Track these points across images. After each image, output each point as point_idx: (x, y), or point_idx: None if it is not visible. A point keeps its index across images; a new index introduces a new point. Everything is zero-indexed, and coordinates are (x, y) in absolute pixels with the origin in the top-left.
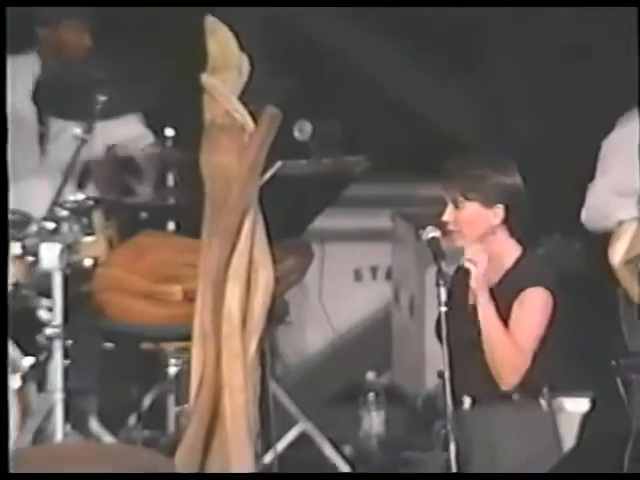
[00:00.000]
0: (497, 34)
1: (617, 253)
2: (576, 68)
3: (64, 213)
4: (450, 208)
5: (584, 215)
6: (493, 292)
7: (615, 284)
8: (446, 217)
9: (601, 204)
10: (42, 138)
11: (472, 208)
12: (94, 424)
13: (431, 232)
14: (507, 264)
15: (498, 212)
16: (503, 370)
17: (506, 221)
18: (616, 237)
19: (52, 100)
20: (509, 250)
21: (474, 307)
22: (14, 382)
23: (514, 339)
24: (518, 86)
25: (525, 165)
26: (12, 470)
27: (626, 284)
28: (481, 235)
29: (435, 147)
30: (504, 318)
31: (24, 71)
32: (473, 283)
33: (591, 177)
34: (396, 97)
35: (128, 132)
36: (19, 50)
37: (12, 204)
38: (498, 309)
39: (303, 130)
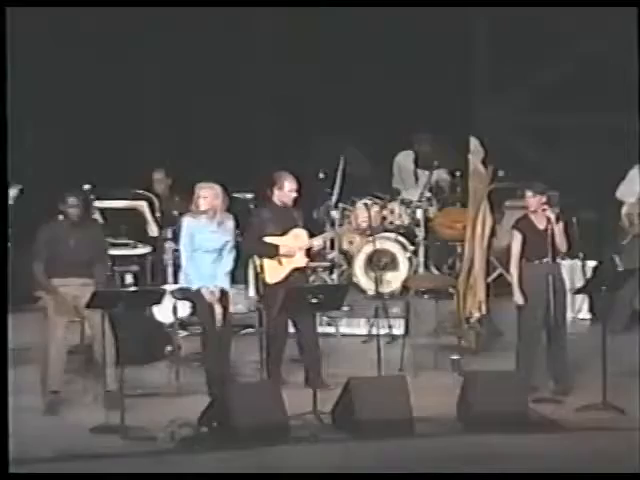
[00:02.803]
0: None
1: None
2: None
3: (423, 200)
4: (530, 197)
5: (618, 193)
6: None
7: (618, 222)
8: (529, 200)
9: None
10: (416, 174)
11: (536, 198)
12: (433, 269)
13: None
14: (551, 216)
15: (545, 198)
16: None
17: (547, 202)
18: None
19: (423, 159)
20: (551, 212)
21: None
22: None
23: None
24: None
25: (566, 184)
26: None
27: (623, 222)
28: (541, 205)
29: (525, 172)
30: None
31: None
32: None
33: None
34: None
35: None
36: None
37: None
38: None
39: (497, 171)
